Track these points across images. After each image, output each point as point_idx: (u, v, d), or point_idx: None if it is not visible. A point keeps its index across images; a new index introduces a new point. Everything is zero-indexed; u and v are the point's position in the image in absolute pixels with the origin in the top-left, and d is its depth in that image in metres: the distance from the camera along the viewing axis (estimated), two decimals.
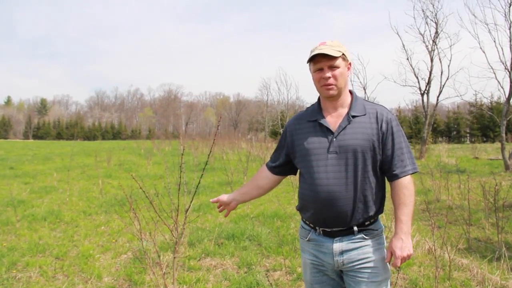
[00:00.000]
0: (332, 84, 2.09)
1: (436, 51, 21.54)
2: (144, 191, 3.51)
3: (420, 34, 22.06)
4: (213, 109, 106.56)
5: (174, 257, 3.64)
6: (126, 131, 78.58)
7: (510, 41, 14.64)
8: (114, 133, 76.30)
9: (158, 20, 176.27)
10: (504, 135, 15.22)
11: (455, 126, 53.69)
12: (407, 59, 22.44)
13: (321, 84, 2.11)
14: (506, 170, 13.97)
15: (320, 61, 2.08)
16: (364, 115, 2.13)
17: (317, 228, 2.18)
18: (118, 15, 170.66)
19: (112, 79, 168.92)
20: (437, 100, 22.25)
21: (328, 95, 2.12)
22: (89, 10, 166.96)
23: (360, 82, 25.14)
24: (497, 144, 27.93)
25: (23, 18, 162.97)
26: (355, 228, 2.11)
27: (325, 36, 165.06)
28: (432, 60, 21.68)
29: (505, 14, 14.78)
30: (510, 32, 14.67)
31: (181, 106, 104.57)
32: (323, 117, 2.17)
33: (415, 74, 22.36)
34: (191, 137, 34.37)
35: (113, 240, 5.89)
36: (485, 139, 47.08)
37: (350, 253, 2.11)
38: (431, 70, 21.76)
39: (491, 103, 41.24)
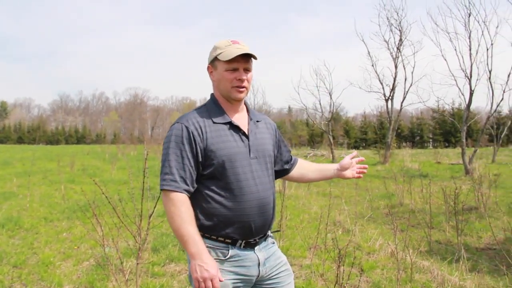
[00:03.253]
0: (245, 87, 2.00)
1: (400, 58, 22.09)
2: (107, 197, 3.45)
3: (385, 41, 22.57)
4: (180, 114, 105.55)
5: (138, 263, 3.59)
6: (90, 136, 76.86)
7: (470, 49, 15.16)
8: (78, 137, 74.54)
9: (125, 24, 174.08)
10: (464, 140, 15.70)
11: (419, 132, 55.03)
12: (372, 65, 22.93)
13: (234, 85, 1.98)
14: (466, 174, 14.40)
15: (238, 61, 1.95)
16: (261, 121, 2.17)
17: (238, 241, 1.97)
18: (84, 17, 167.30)
19: (76, 82, 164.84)
20: (401, 106, 22.79)
21: (239, 98, 2.01)
22: (53, 11, 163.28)
23: (326, 88, 25.41)
24: (458, 149, 28.78)
25: None
26: (269, 233, 2.14)
27: (292, 42, 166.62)
28: (396, 67, 22.20)
29: (465, 24, 15.31)
30: (469, 41, 15.19)
31: (147, 111, 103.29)
32: (231, 119, 2.02)
33: (380, 81, 22.86)
34: (157, 142, 33.92)
35: (75, 247, 5.75)
36: (447, 144, 48.42)
37: (270, 259, 2.07)
38: (395, 76, 22.28)
39: (452, 109, 42.48)
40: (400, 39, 21.83)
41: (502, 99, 15.23)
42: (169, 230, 6.55)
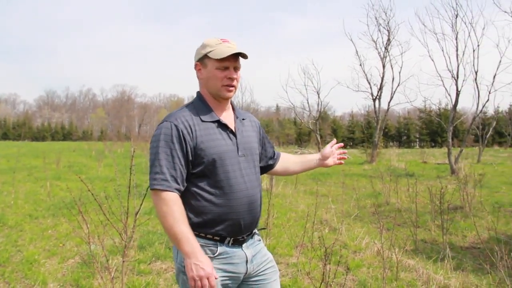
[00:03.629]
0: (234, 86, 2.01)
1: (388, 58, 22.29)
2: (93, 194, 3.42)
3: (373, 41, 22.75)
4: (167, 111, 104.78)
5: (123, 261, 3.57)
6: (77, 132, 76.08)
7: (457, 50, 15.33)
8: (65, 134, 73.81)
9: (113, 21, 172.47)
10: (450, 140, 15.87)
11: (405, 131, 55.54)
12: (360, 65, 23.10)
13: (224, 83, 1.98)
14: (452, 174, 14.56)
15: (229, 60, 1.95)
16: (246, 119, 2.19)
17: (226, 239, 1.99)
18: (72, 12, 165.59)
19: (63, 78, 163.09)
20: (388, 105, 22.98)
21: (228, 96, 2.02)
22: (41, 6, 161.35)
23: (314, 87, 25.49)
24: (445, 149, 29.08)
25: None
26: (255, 230, 2.16)
27: (280, 40, 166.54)
28: (384, 67, 22.37)
29: (452, 25, 15.50)
30: (456, 42, 15.35)
31: (134, 108, 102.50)
32: (219, 117, 2.03)
33: (367, 80, 23.02)
34: (144, 139, 33.74)
35: (60, 244, 5.70)
36: (433, 144, 48.94)
37: (256, 256, 2.09)
38: (383, 76, 22.45)
39: (439, 109, 42.96)
40: (388, 39, 22.01)
41: (488, 100, 15.51)
42: (156, 228, 6.53)
